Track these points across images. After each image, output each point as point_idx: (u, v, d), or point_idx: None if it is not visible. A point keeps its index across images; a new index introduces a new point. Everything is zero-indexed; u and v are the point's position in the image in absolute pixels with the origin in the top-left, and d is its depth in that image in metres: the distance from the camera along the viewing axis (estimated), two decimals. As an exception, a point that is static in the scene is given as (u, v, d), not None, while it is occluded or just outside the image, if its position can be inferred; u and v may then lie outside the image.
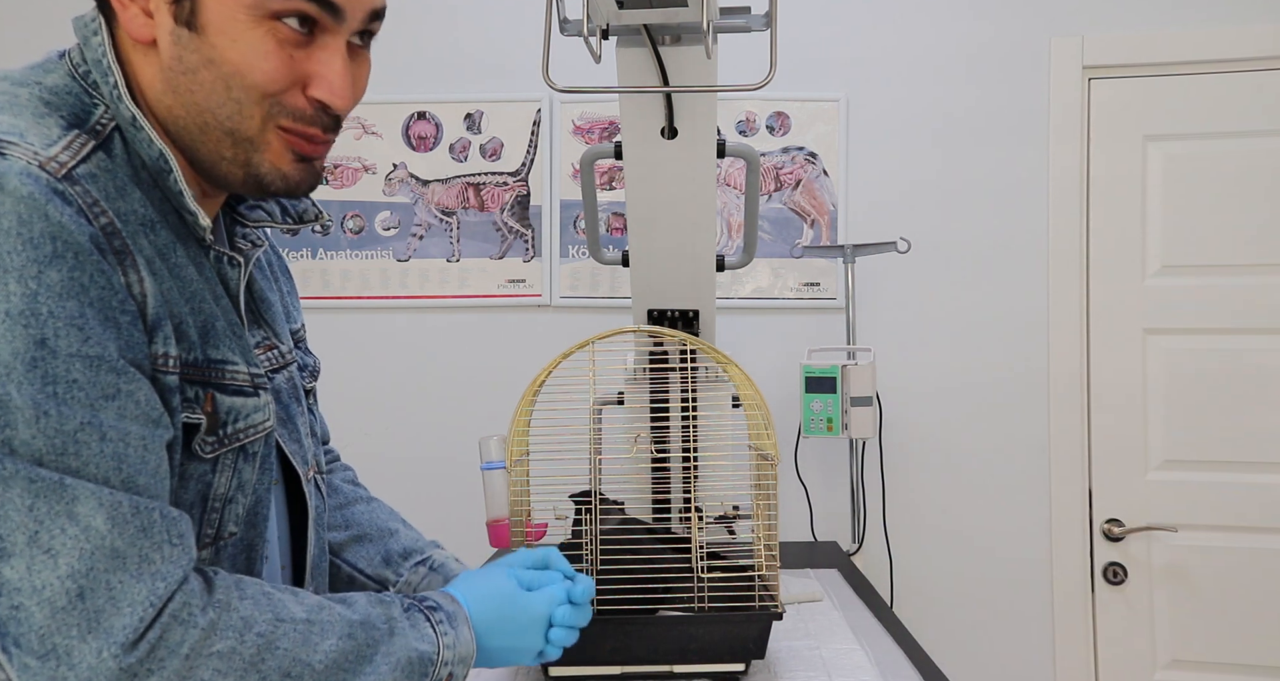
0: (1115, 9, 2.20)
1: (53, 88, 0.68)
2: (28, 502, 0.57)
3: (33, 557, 0.57)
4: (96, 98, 0.68)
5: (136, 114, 0.68)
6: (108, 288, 0.61)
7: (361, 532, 1.03)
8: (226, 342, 0.74)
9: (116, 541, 0.60)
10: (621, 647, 1.09)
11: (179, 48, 0.68)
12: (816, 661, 1.20)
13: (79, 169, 0.62)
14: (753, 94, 2.26)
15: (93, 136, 0.66)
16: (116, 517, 0.60)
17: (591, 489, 1.17)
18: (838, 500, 2.24)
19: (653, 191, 1.47)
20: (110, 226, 0.62)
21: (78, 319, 0.59)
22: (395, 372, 2.33)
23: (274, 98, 0.69)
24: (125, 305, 0.62)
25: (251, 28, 0.67)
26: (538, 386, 1.12)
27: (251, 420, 0.76)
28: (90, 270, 0.60)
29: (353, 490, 1.08)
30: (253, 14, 0.66)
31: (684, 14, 1.11)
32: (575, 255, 2.30)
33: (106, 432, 0.60)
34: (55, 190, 0.59)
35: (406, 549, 1.03)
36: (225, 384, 0.74)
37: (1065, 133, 2.20)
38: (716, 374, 1.61)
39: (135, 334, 0.63)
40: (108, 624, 0.59)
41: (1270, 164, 2.12)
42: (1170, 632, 2.15)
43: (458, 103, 2.30)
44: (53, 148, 0.62)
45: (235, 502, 0.75)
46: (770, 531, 1.13)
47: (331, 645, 0.70)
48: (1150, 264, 2.18)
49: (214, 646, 0.63)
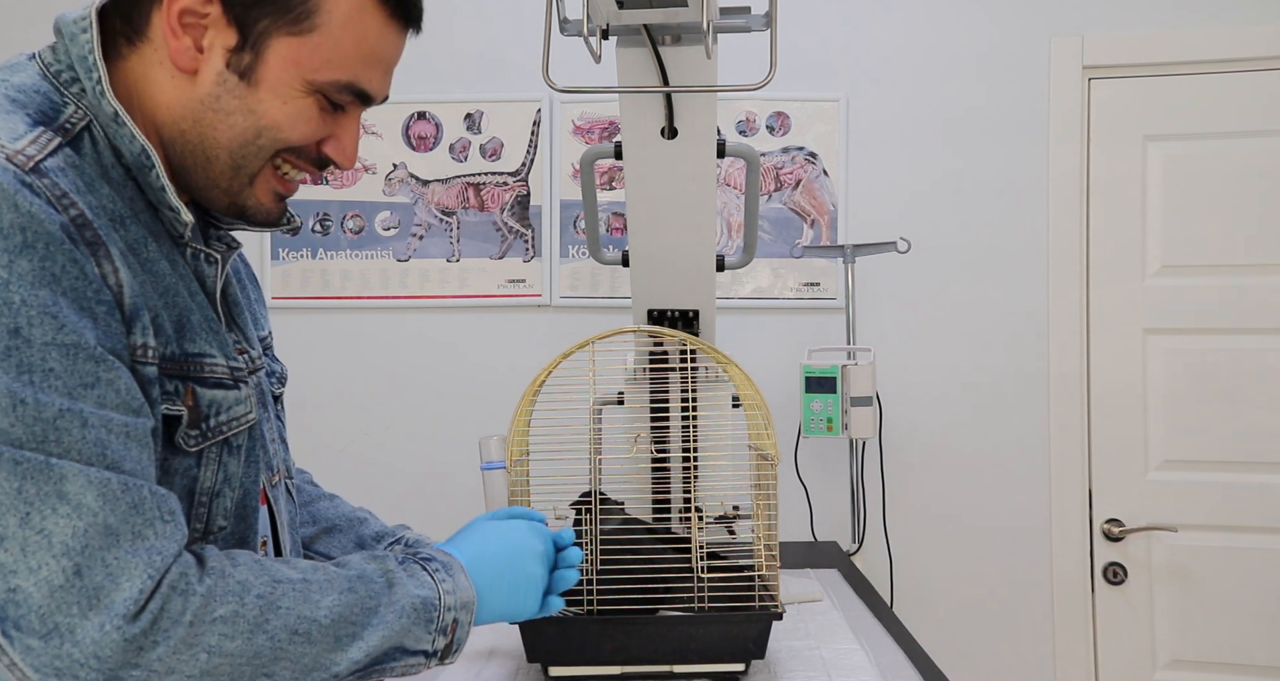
0: (1115, 9, 2.20)
1: (20, 86, 0.68)
2: (15, 485, 0.57)
3: (26, 539, 0.57)
4: (67, 97, 0.69)
5: (119, 109, 0.69)
6: (81, 277, 0.61)
7: (330, 524, 1.04)
8: (204, 336, 0.75)
9: (109, 518, 0.60)
10: (621, 647, 1.10)
11: (221, 89, 0.72)
12: (816, 661, 1.20)
13: (46, 162, 0.63)
14: (753, 94, 2.26)
15: (60, 134, 0.67)
16: (107, 495, 0.60)
17: (592, 490, 1.17)
18: (838, 500, 2.24)
19: (653, 191, 1.47)
20: (81, 217, 0.63)
21: (51, 307, 0.59)
22: (395, 373, 2.33)
23: (293, 147, 0.76)
24: (100, 294, 0.62)
25: (303, 96, 0.73)
26: (538, 386, 1.12)
27: (233, 412, 0.76)
28: (62, 260, 0.60)
29: (313, 489, 1.08)
30: (309, 86, 0.73)
31: (684, 14, 1.11)
32: (575, 255, 2.30)
33: (88, 419, 0.60)
34: (22, 182, 0.60)
35: (378, 533, 1.05)
36: (204, 377, 0.74)
37: (1065, 133, 2.20)
38: (716, 374, 1.61)
39: (112, 323, 0.63)
40: (108, 600, 0.59)
41: (1270, 164, 2.12)
42: (1170, 632, 2.15)
43: (458, 103, 2.30)
44: (19, 142, 0.62)
45: (222, 496, 0.75)
46: (770, 531, 1.13)
47: (334, 600, 0.70)
48: (1150, 264, 2.18)
49: (215, 611, 0.63)
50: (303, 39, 0.72)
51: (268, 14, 0.71)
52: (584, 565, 1.12)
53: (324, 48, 0.73)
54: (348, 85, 0.75)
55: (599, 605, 1.11)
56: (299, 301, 2.31)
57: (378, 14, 0.75)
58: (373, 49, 0.75)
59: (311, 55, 0.72)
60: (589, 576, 1.11)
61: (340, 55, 0.73)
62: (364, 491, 1.16)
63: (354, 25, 0.74)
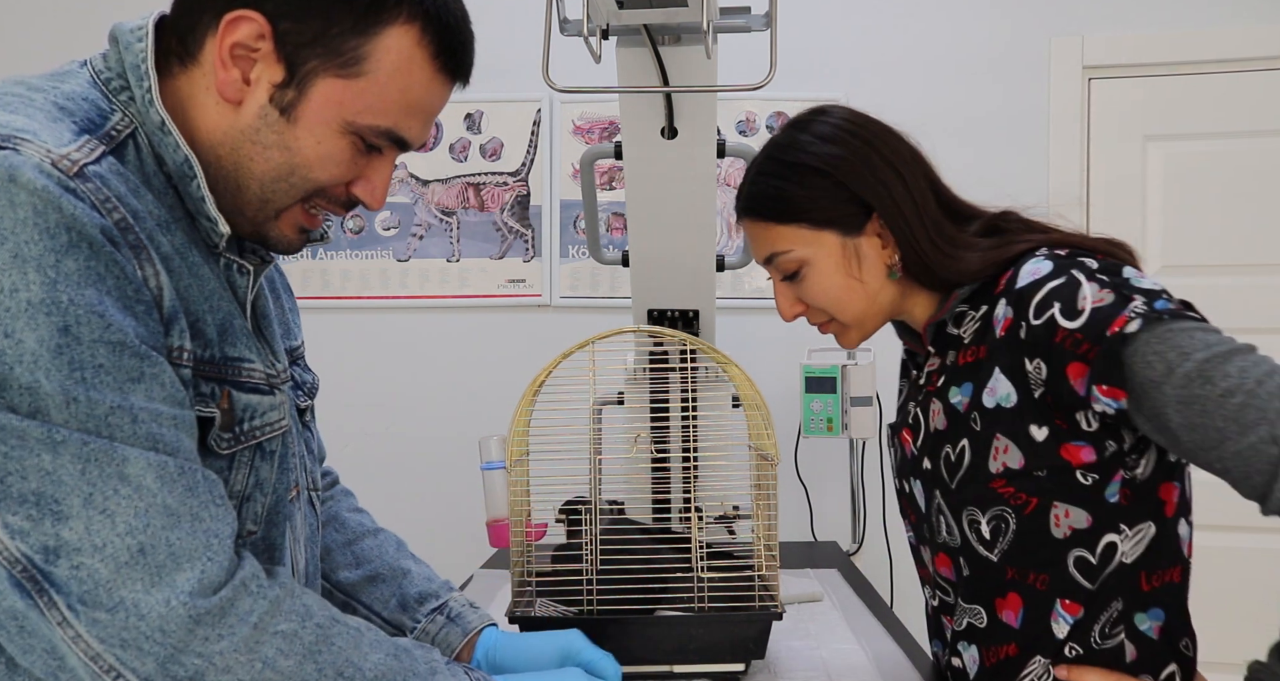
0: (1115, 9, 2.20)
1: (68, 94, 0.69)
2: (79, 467, 0.59)
3: (90, 519, 0.59)
4: (115, 104, 0.70)
5: (166, 119, 0.70)
6: (123, 277, 0.62)
7: (374, 572, 1.02)
8: (244, 340, 0.76)
9: (168, 499, 0.62)
10: (621, 647, 1.09)
11: (262, 123, 0.72)
12: (816, 661, 1.20)
13: (91, 167, 0.64)
14: (753, 94, 2.26)
15: (105, 141, 0.67)
16: (165, 477, 0.62)
17: (590, 495, 1.17)
18: (838, 500, 2.24)
19: (653, 191, 1.47)
20: (124, 221, 0.64)
21: (97, 306, 0.60)
22: (395, 372, 2.33)
23: (322, 187, 0.76)
24: (140, 294, 0.63)
25: (339, 136, 0.73)
26: (537, 386, 1.12)
27: (268, 418, 0.77)
28: (105, 260, 0.61)
29: (358, 522, 1.06)
30: (347, 127, 0.73)
31: (684, 14, 1.11)
32: (575, 255, 2.30)
33: (138, 414, 0.61)
34: (67, 186, 0.60)
35: (422, 593, 1.02)
36: (241, 381, 0.75)
37: (1065, 133, 2.20)
38: (716, 374, 1.61)
39: (151, 322, 0.64)
40: (169, 578, 0.61)
41: (1270, 164, 2.12)
42: (1170, 632, 2.15)
43: (457, 103, 2.30)
44: (65, 147, 0.63)
45: (253, 501, 0.76)
46: (770, 531, 1.13)
47: (380, 658, 0.71)
48: (1150, 264, 2.18)
49: (279, 624, 0.65)
50: (349, 82, 0.72)
51: (318, 55, 0.71)
52: (584, 566, 1.12)
53: (369, 93, 0.73)
54: (387, 132, 0.75)
55: (599, 605, 1.11)
56: (299, 301, 2.31)
57: (427, 66, 0.75)
58: (417, 99, 0.75)
59: (355, 99, 0.72)
60: (588, 577, 1.11)
61: (384, 102, 0.73)
62: (364, 491, 1.15)
63: (402, 75, 0.73)
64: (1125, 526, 0.90)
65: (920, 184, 0.99)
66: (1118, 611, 0.91)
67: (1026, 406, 0.89)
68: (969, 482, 0.93)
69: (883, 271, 1.01)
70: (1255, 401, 0.77)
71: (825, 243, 0.99)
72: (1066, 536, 0.90)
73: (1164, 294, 0.86)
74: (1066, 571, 0.90)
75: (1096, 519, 0.89)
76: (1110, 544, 0.90)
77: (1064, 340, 0.85)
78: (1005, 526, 0.91)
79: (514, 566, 1.12)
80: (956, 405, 0.96)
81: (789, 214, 1.00)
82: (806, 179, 0.99)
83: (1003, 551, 0.92)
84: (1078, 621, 0.90)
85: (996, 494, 0.91)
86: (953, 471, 0.95)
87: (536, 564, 1.16)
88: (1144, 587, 0.91)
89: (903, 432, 1.06)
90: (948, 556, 0.99)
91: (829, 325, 1.07)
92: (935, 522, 1.00)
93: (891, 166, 0.98)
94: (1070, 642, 0.91)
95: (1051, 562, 0.90)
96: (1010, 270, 0.94)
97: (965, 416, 0.94)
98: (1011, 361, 0.90)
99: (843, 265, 1.00)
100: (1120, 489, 0.89)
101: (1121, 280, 0.87)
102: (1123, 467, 0.89)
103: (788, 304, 1.06)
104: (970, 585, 0.97)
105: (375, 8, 0.71)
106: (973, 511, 0.94)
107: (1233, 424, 0.78)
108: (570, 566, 1.13)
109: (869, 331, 1.06)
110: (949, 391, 0.97)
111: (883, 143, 0.99)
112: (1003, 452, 0.90)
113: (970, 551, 0.95)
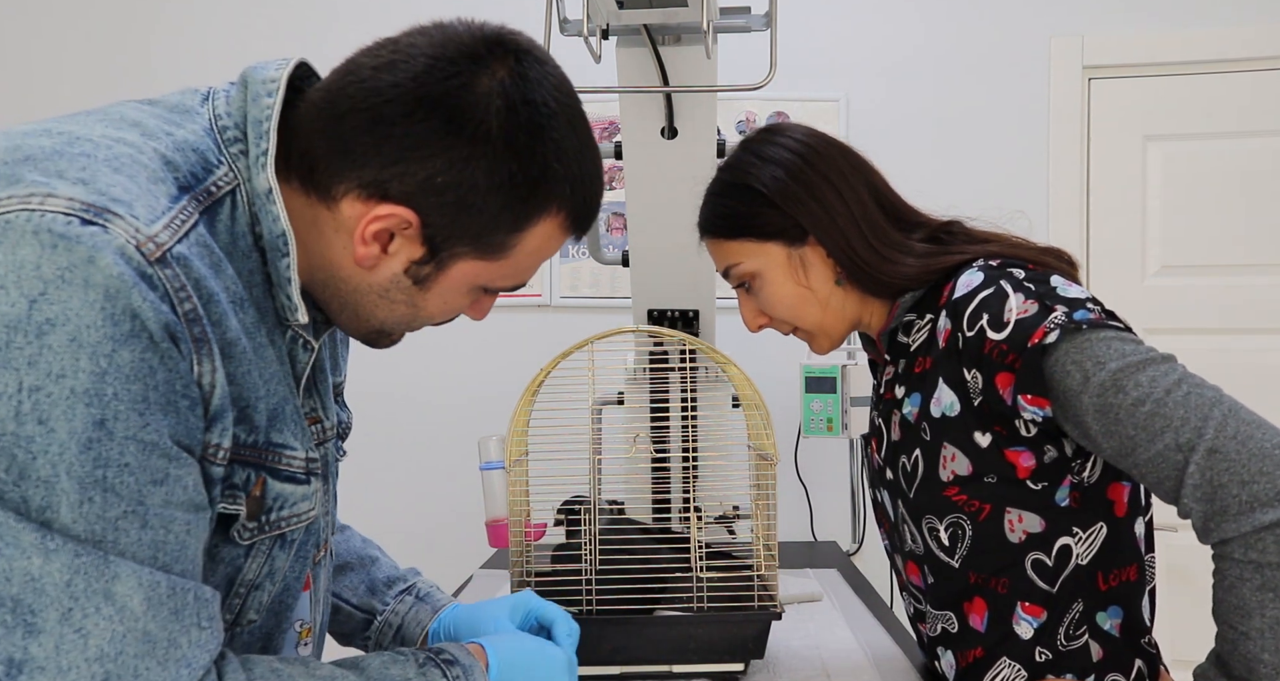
0: (1115, 9, 2.20)
1: (179, 143, 0.66)
2: (65, 578, 0.56)
3: (62, 636, 0.56)
4: (224, 157, 0.68)
5: (275, 187, 0.68)
6: (174, 373, 0.60)
7: (343, 562, 1.03)
8: (291, 427, 0.74)
9: (149, 624, 0.58)
10: (621, 647, 1.09)
11: (392, 286, 0.74)
12: (816, 661, 1.20)
13: (176, 248, 0.61)
14: (753, 94, 2.26)
15: (202, 199, 0.65)
16: (153, 599, 0.59)
17: (590, 496, 1.17)
18: (838, 500, 2.24)
19: (653, 191, 1.47)
20: (193, 312, 0.61)
21: (140, 403, 0.58)
22: (394, 373, 2.33)
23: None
24: (189, 390, 0.61)
25: (466, 295, 0.77)
26: (537, 386, 1.12)
27: (297, 509, 0.75)
28: (161, 354, 0.59)
29: None
30: (476, 291, 0.77)
31: (684, 14, 1.11)
32: (575, 255, 2.30)
33: (149, 520, 0.59)
34: (144, 273, 0.58)
35: (389, 577, 1.04)
36: (279, 468, 0.73)
37: (1065, 133, 2.20)
38: (716, 374, 1.61)
39: (193, 419, 0.62)
40: None
41: (1270, 164, 2.12)
42: (1170, 632, 2.15)
43: (458, 102, 2.30)
44: (154, 225, 0.60)
45: (261, 590, 0.74)
46: (769, 531, 1.13)
47: None
48: (1150, 264, 2.18)
49: None
50: (489, 263, 0.74)
51: (466, 245, 0.72)
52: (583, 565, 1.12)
53: (506, 268, 0.75)
54: (513, 288, 0.79)
55: (599, 605, 1.11)
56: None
57: (562, 238, 0.77)
58: (545, 258, 0.78)
59: (492, 274, 0.75)
60: (588, 576, 1.11)
61: (518, 272, 0.77)
62: (364, 491, 1.15)
63: (541, 253, 0.76)
64: (1078, 529, 0.92)
65: (860, 195, 1.03)
66: (1079, 612, 0.92)
67: (969, 414, 0.91)
68: (924, 491, 0.96)
69: (830, 277, 1.05)
70: (1163, 410, 0.81)
71: (771, 254, 1.04)
72: (1022, 541, 0.91)
73: (1088, 303, 0.88)
74: (1025, 574, 0.92)
75: (1049, 522, 0.91)
76: (1065, 547, 0.92)
77: (991, 351, 0.88)
78: (962, 533, 0.94)
79: (513, 566, 1.12)
80: (908, 415, 0.98)
81: (736, 230, 1.05)
82: (747, 198, 1.04)
83: (963, 557, 0.94)
84: (1042, 624, 0.92)
85: (951, 501, 0.93)
86: (910, 481, 0.98)
87: (536, 564, 1.16)
88: (1101, 587, 0.93)
89: (872, 442, 1.09)
90: (915, 564, 1.02)
91: (796, 333, 1.11)
92: (901, 531, 1.02)
93: (829, 182, 1.02)
94: (1038, 646, 0.93)
95: (1010, 566, 0.92)
96: (952, 282, 0.97)
97: (916, 426, 0.97)
98: (952, 372, 0.92)
99: (790, 274, 1.05)
100: (1070, 492, 0.91)
101: (1047, 289, 0.89)
102: (1069, 472, 0.91)
103: (750, 315, 1.11)
104: (937, 591, 0.99)
105: (535, 209, 0.73)
106: (930, 519, 0.96)
107: (1142, 431, 0.81)
108: (570, 566, 1.13)
109: (836, 337, 1.09)
110: (903, 403, 1.00)
111: (821, 160, 1.03)
112: (951, 460, 0.93)
113: (933, 558, 0.97)
